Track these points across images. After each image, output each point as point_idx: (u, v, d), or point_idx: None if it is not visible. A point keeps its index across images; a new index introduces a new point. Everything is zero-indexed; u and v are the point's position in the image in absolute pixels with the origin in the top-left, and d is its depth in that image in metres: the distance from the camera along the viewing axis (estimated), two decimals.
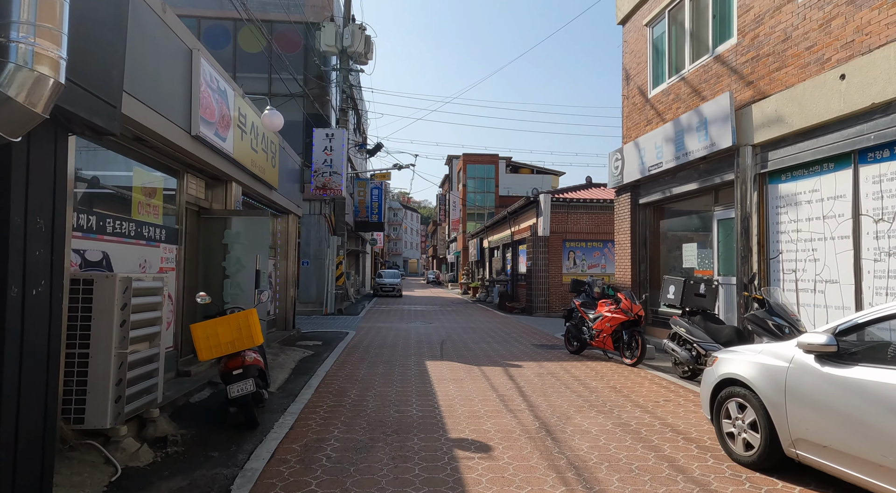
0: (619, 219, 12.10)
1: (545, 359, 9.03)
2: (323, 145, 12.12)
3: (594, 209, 19.49)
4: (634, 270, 11.45)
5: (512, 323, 15.67)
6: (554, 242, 19.32)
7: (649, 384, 7.02)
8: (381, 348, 10.13)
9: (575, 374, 7.69)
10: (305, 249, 18.20)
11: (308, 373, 7.59)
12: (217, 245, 7.31)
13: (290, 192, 11.17)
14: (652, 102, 10.80)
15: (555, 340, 11.76)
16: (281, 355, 8.65)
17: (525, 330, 13.68)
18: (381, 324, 14.87)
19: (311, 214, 18.34)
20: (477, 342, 11.13)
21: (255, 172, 8.03)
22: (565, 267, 19.54)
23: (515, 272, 22.61)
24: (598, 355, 9.42)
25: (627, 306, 8.44)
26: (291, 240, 11.74)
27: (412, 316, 17.66)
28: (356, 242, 30.02)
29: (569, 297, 19.49)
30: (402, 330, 13.33)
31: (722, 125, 8.11)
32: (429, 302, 25.51)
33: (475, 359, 8.95)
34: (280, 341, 9.95)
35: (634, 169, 11.04)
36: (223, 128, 6.53)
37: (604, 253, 19.78)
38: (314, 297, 18.18)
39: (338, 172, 12.01)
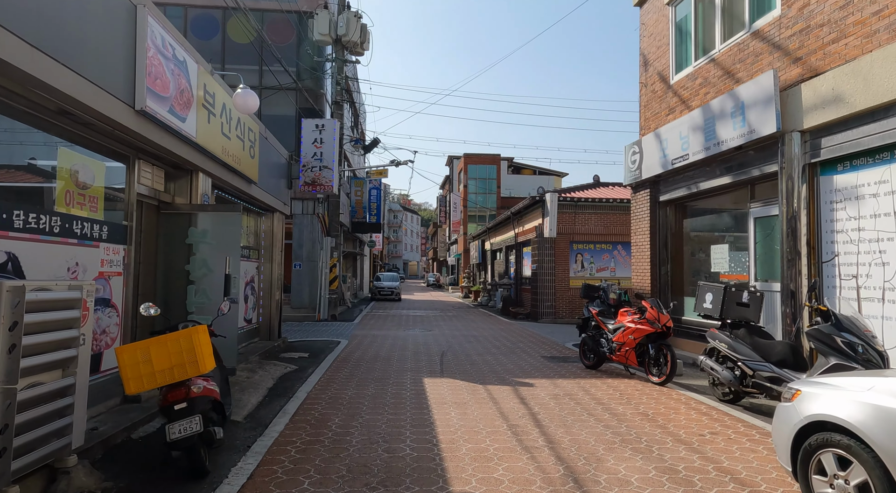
0: (636, 218, 11.05)
1: (559, 375, 7.97)
2: (312, 137, 11.10)
3: (603, 209, 18.44)
4: (654, 274, 10.40)
5: (517, 331, 14.61)
6: (561, 243, 18.27)
7: (686, 410, 5.96)
8: (375, 360, 9.07)
9: (596, 395, 6.62)
10: (298, 251, 17.19)
11: (286, 394, 6.53)
12: (180, 245, 6.27)
13: (274, 188, 10.13)
14: (675, 88, 9.75)
15: (566, 351, 10.70)
16: (259, 370, 7.59)
17: (532, 339, 12.62)
18: (377, 331, 13.81)
19: (304, 214, 17.31)
20: (481, 354, 10.07)
21: (227, 162, 6.99)
22: (573, 270, 18.49)
23: (519, 276, 21.56)
24: (618, 371, 8.36)
25: (654, 315, 7.39)
26: (277, 241, 10.70)
27: (411, 322, 16.60)
28: (353, 244, 28.98)
29: (578, 303, 18.47)
30: (398, 339, 12.27)
31: (763, 109, 7.06)
32: (428, 307, 24.45)
33: (480, 375, 7.89)
34: (261, 354, 8.90)
35: (655, 163, 10.00)
36: (182, 106, 5.49)
37: (613, 256, 18.73)
38: (307, 302, 17.14)
39: (329, 166, 10.98)
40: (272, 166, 9.98)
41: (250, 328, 9.88)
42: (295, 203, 17.30)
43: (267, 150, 9.49)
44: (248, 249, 9.81)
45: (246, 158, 7.78)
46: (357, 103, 21.51)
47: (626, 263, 18.71)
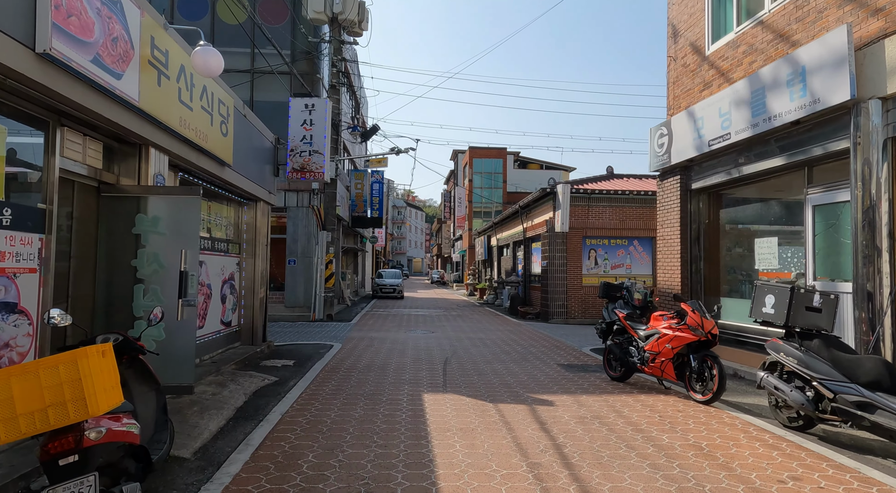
0: (663, 209, 9.86)
1: (581, 390, 6.81)
2: (301, 119, 9.96)
3: (619, 202, 17.24)
4: (685, 272, 9.21)
5: (527, 333, 13.45)
6: (573, 238, 17.08)
7: (748, 442, 4.79)
8: (368, 370, 7.94)
9: (631, 418, 5.47)
10: (292, 246, 16.09)
11: (256, 417, 5.40)
12: (125, 236, 5.14)
13: (257, 174, 9.00)
14: (711, 59, 8.55)
15: (585, 358, 9.53)
16: (230, 384, 6.46)
17: (545, 343, 11.46)
18: (375, 333, 12.68)
19: (299, 207, 16.20)
20: (489, 361, 8.92)
21: (189, 137, 5.85)
22: (585, 267, 17.30)
23: (528, 273, 20.39)
24: (650, 384, 7.19)
25: (697, 321, 6.21)
26: (261, 234, 9.57)
27: (412, 323, 15.46)
28: (354, 240, 27.87)
29: (591, 302, 17.29)
30: (398, 342, 11.14)
31: (832, 73, 5.86)
32: (432, 305, 23.31)
33: (489, 390, 6.74)
34: (238, 362, 7.78)
35: (686, 145, 8.80)
36: (116, 59, 4.35)
37: (629, 252, 17.53)
38: (301, 300, 16.04)
39: (319, 151, 9.84)
40: (254, 150, 8.85)
41: (229, 332, 8.76)
42: (289, 195, 16.19)
43: (246, 130, 8.35)
44: (227, 242, 8.69)
45: (215, 136, 6.64)
46: (357, 87, 20.32)
47: (642, 259, 17.52)
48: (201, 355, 7.55)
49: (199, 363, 7.35)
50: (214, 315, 8.10)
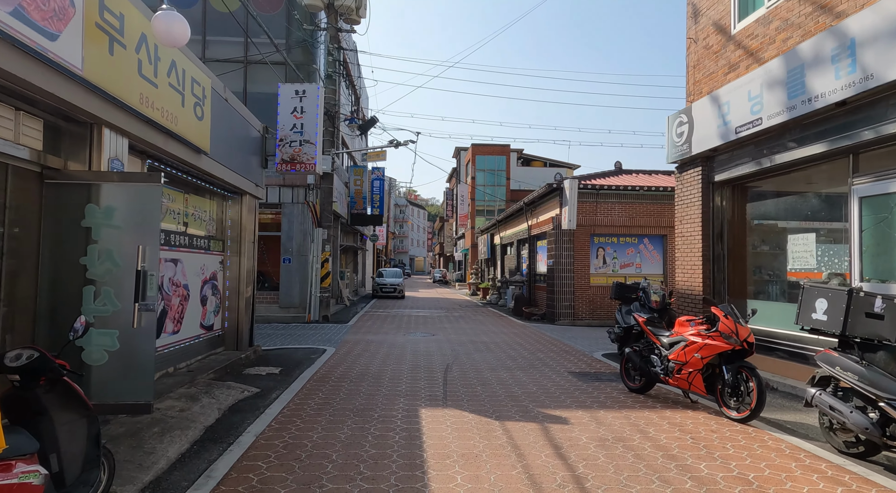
0: (682, 203, 9.12)
1: (598, 403, 6.08)
2: (291, 106, 9.24)
3: (628, 198, 16.48)
4: (706, 271, 8.47)
5: (533, 335, 12.71)
6: (580, 236, 16.34)
7: (803, 473, 4.05)
8: (361, 379, 7.22)
9: (659, 441, 4.73)
10: (287, 244, 15.40)
11: (226, 439, 4.69)
12: (74, 230, 4.43)
13: (242, 165, 8.28)
14: (738, 38, 7.80)
15: (597, 364, 8.79)
16: (203, 398, 5.75)
17: (553, 347, 10.72)
18: (372, 336, 11.96)
19: (294, 203, 15.50)
20: (493, 368, 8.20)
21: (153, 118, 5.13)
22: (593, 266, 16.56)
23: (533, 272, 19.65)
24: (674, 397, 6.46)
25: (730, 328, 5.46)
26: (248, 230, 8.86)
27: (412, 324, 14.75)
28: (354, 238, 27.17)
29: (600, 303, 16.54)
30: (395, 346, 10.42)
31: (888, 45, 5.11)
32: (433, 305, 22.59)
33: (495, 403, 6.01)
34: (218, 371, 7.06)
35: (710, 133, 8.06)
36: (49, 16, 3.63)
37: (639, 250, 16.78)
38: (297, 301, 15.35)
39: (311, 140, 9.12)
40: (237, 139, 8.13)
41: (210, 337, 8.05)
42: (284, 191, 15.50)
43: (228, 116, 7.64)
44: (209, 239, 7.97)
45: (188, 119, 5.91)
46: (355, 77, 19.52)
47: (653, 258, 16.77)
48: (176, 364, 6.84)
49: (173, 373, 6.64)
50: (193, 318, 7.40)
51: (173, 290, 6.76)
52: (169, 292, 6.65)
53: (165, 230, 6.57)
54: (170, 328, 6.69)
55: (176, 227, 6.89)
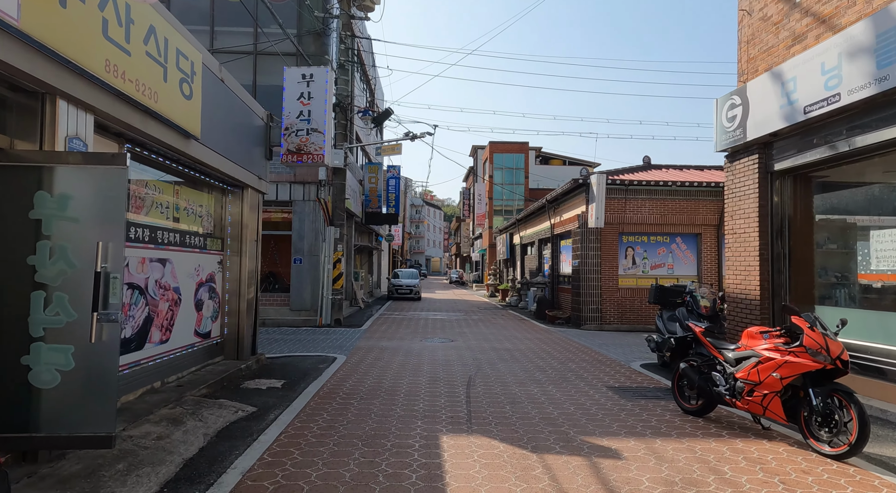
0: (734, 196, 8.11)
1: (652, 429, 5.13)
2: (297, 92, 8.45)
3: (660, 194, 15.42)
4: (764, 273, 7.45)
5: (560, 342, 11.75)
6: (608, 235, 15.33)
7: None
8: (373, 396, 6.36)
9: (740, 484, 3.78)
10: (298, 243, 14.65)
11: (204, 478, 3.84)
12: (19, 223, 3.63)
13: (242, 155, 7.48)
14: (805, 5, 6.78)
15: (637, 377, 7.82)
16: (188, 421, 4.93)
17: (584, 356, 9.76)
18: (387, 342, 11.12)
19: (306, 201, 14.76)
20: (522, 382, 7.28)
21: (125, 91, 4.33)
22: (622, 267, 15.53)
23: (556, 273, 18.66)
24: (738, 421, 5.48)
25: (818, 343, 4.48)
26: (250, 228, 8.06)
27: (429, 328, 13.88)
28: (368, 238, 26.43)
29: (629, 306, 15.44)
30: (412, 354, 9.55)
31: None
32: (451, 307, 21.70)
33: (529, 429, 5.10)
34: (211, 385, 6.25)
35: (769, 115, 7.05)
36: None
37: (671, 249, 15.71)
38: (308, 303, 14.58)
39: (319, 129, 8.30)
40: (237, 126, 7.34)
41: (207, 346, 7.25)
42: (295, 188, 14.76)
43: (225, 100, 6.84)
44: (205, 237, 7.19)
45: (172, 96, 5.11)
46: (369, 65, 18.64)
47: (686, 258, 15.68)
48: (165, 377, 6.05)
49: (160, 388, 5.85)
50: (185, 325, 6.60)
51: (161, 294, 5.97)
52: (156, 296, 5.85)
53: (152, 226, 5.78)
54: (156, 337, 5.90)
55: (164, 222, 6.10)
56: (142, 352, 5.57)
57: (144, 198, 5.67)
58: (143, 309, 5.57)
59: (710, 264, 15.45)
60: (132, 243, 5.41)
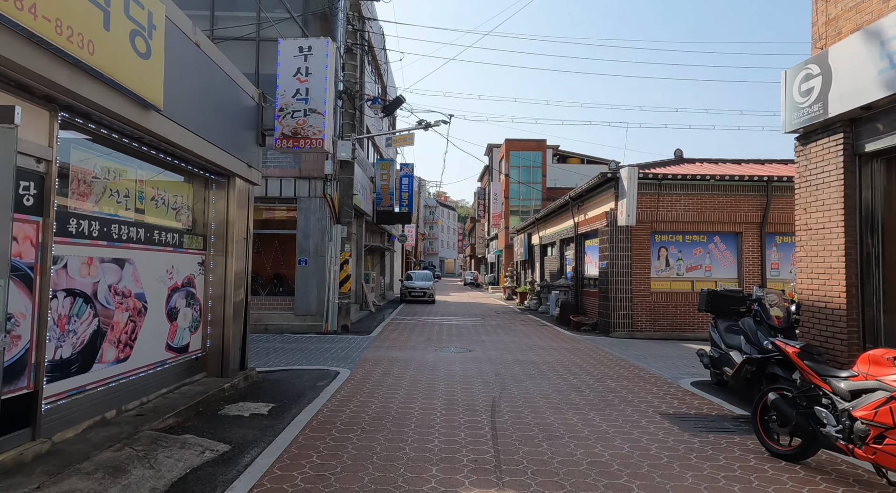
0: (809, 184, 6.81)
1: (739, 483, 3.89)
2: (294, 67, 7.32)
3: (696, 190, 14.09)
4: (851, 278, 6.14)
5: (591, 352, 10.50)
6: (639, 234, 14.03)
7: None
8: (377, 427, 5.19)
9: None
10: (303, 243, 13.58)
11: None
12: None
13: (226, 138, 6.38)
14: None
15: (692, 400, 6.56)
16: (133, 470, 3.79)
17: (621, 370, 8.51)
18: (397, 352, 9.96)
19: (311, 197, 13.69)
20: (556, 407, 6.07)
21: (37, 31, 3.22)
22: (654, 269, 14.22)
23: (580, 275, 17.37)
24: (850, 470, 4.22)
25: None
26: (238, 223, 6.96)
27: (444, 336, 12.70)
28: (380, 238, 25.34)
29: (663, 312, 14.06)
30: (425, 368, 8.38)
31: None
32: (467, 311, 20.51)
33: (577, 482, 3.89)
34: (180, 413, 5.13)
35: (861, 84, 5.77)
36: None
37: (709, 250, 14.35)
38: (314, 308, 13.49)
39: (318, 110, 7.17)
40: (220, 103, 6.23)
41: (183, 362, 6.14)
42: (300, 183, 13.70)
43: (201, 67, 5.74)
44: (180, 233, 6.09)
45: (117, 50, 3.99)
46: (378, 48, 17.49)
47: (725, 259, 14.32)
48: (123, 404, 4.94)
49: (114, 418, 4.74)
50: (153, 339, 5.50)
51: (117, 302, 4.87)
52: (109, 304, 4.75)
53: (103, 219, 4.68)
54: (110, 356, 4.79)
55: (123, 214, 5.00)
56: (87, 375, 4.47)
57: (93, 183, 4.57)
58: (89, 321, 4.47)
59: (752, 265, 14.07)
60: (74, 240, 4.31)
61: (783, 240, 14.30)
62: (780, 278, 14.22)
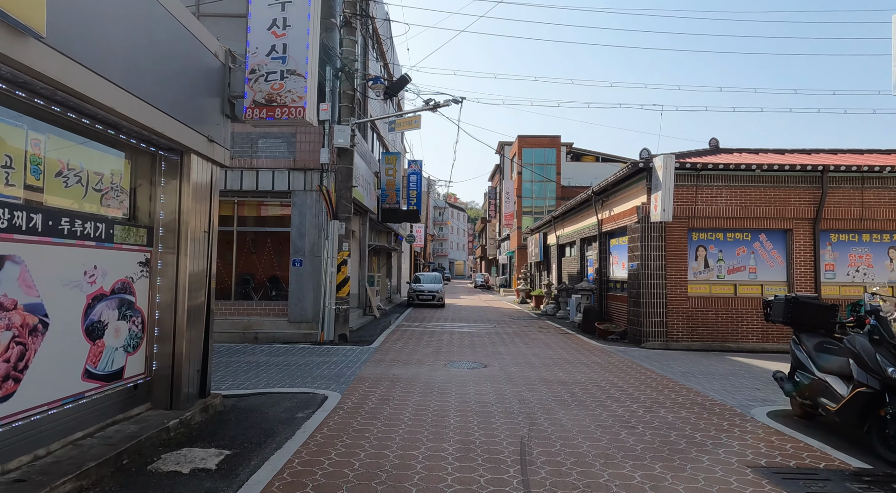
0: None
1: None
2: (268, 18, 5.82)
3: (740, 181, 12.50)
4: None
5: (627, 368, 8.93)
6: (674, 232, 12.45)
7: None
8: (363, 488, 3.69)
9: None
10: (298, 242, 12.16)
11: None
12: None
13: (179, 104, 4.92)
14: None
15: (781, 441, 4.98)
16: None
17: (672, 393, 6.94)
18: (400, 369, 8.46)
19: (308, 191, 12.27)
20: (605, 451, 4.53)
21: None
22: (692, 271, 12.62)
23: (604, 278, 15.78)
24: None
25: None
26: (194, 214, 5.49)
27: (455, 347, 11.19)
28: (387, 238, 23.90)
29: (702, 320, 12.30)
30: (432, 391, 6.87)
31: None
32: (479, 317, 18.97)
33: None
34: (82, 476, 3.64)
35: None
36: None
37: (753, 249, 12.73)
38: (310, 314, 12.05)
39: (298, 71, 5.71)
40: (169, 60, 4.78)
41: (113, 393, 4.67)
42: (294, 175, 12.29)
43: (141, 6, 4.28)
44: (112, 222, 4.63)
45: None
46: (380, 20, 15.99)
47: (772, 260, 12.68)
48: (4, 462, 3.48)
49: None
50: (58, 367, 4.03)
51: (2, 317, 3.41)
52: None
53: None
54: None
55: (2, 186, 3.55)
56: None
57: None
58: None
59: (804, 266, 12.42)
60: None
61: (840, 238, 12.63)
62: (835, 281, 12.56)
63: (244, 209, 12.91)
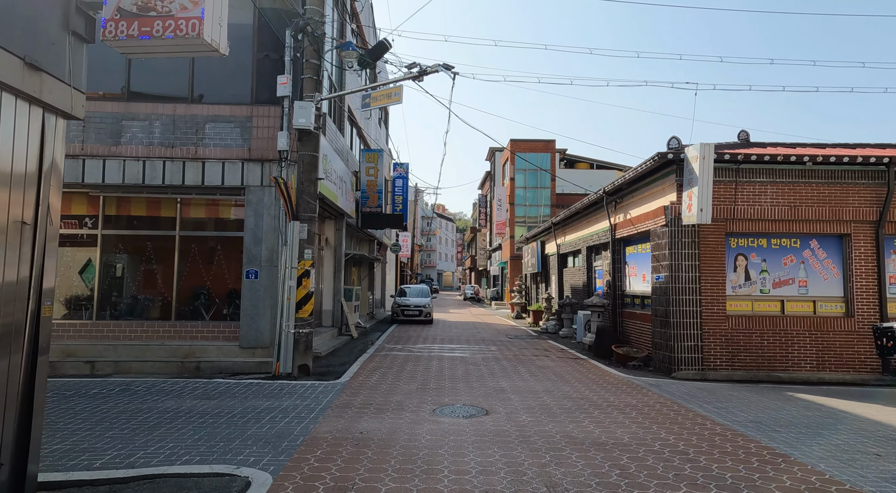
0: None
1: None
2: None
3: (788, 176, 10.42)
4: None
5: (677, 416, 6.67)
6: (709, 237, 10.31)
7: None
8: None
9: None
10: (253, 249, 9.86)
11: None
12: None
13: None
14: None
15: None
16: None
17: (758, 460, 4.70)
18: (372, 421, 6.13)
19: (265, 187, 9.99)
20: None
21: None
22: (730, 285, 10.47)
23: (618, 292, 13.57)
24: None
25: None
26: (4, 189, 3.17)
27: (447, 378, 8.86)
28: (368, 246, 21.55)
29: (745, 344, 9.83)
30: (413, 467, 4.56)
31: None
32: (472, 336, 16.64)
33: None
34: None
35: None
36: None
37: (803, 258, 10.61)
38: (266, 338, 9.71)
39: None
40: None
41: None
42: (250, 167, 10.01)
43: None
44: None
45: None
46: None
47: (826, 272, 10.56)
48: None
49: None
50: None
51: None
52: None
53: None
54: None
55: None
56: None
57: None
58: None
59: (866, 280, 10.31)
60: None
61: None
62: None
63: (189, 210, 10.55)
